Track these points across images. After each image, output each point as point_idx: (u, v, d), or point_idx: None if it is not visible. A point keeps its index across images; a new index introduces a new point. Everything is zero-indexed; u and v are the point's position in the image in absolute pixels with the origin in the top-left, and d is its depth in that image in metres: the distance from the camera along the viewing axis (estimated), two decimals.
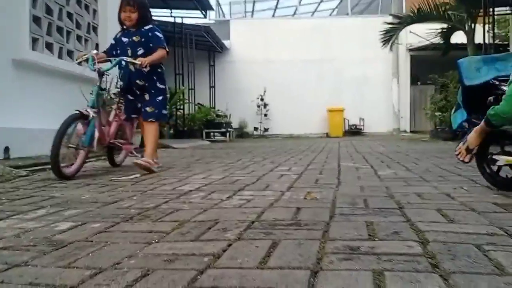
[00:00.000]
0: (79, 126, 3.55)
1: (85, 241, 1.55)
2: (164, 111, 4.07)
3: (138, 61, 3.63)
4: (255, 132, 15.84)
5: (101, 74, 3.76)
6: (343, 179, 3.17)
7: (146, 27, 3.88)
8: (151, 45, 3.84)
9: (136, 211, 2.08)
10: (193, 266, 1.23)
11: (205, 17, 12.85)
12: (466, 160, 2.59)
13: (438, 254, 1.29)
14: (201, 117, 12.75)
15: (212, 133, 13.68)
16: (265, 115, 15.57)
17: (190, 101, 13.13)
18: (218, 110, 14.73)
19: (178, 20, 11.92)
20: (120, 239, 1.56)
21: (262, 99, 15.48)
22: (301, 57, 15.27)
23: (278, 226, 1.70)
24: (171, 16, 12.09)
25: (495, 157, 2.46)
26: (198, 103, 13.72)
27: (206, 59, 15.54)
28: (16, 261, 1.33)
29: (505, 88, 6.11)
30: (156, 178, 3.40)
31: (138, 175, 3.55)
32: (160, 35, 3.91)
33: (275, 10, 18.74)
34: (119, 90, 4.12)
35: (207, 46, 14.96)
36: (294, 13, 18.73)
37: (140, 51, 3.83)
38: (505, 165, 2.42)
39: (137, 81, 3.89)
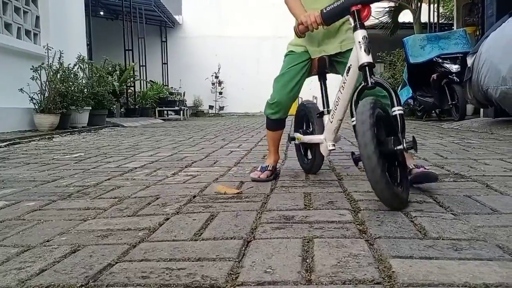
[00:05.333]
0: None
1: (17, 220, 1.49)
2: None
3: None
4: (210, 111, 15.70)
5: None
6: (290, 154, 3.22)
7: None
8: None
9: (75, 189, 2.02)
10: (126, 241, 1.22)
11: None
12: None
13: (367, 221, 1.35)
14: (153, 95, 12.41)
15: (165, 112, 13.42)
16: (220, 93, 15.43)
17: (142, 78, 12.76)
18: (172, 87, 14.42)
19: None
20: (54, 217, 1.51)
21: (216, 77, 15.30)
22: (256, 33, 15.18)
23: (219, 200, 1.71)
24: None
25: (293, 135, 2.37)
26: (150, 80, 13.35)
27: (157, 34, 15.11)
28: None
29: (447, 65, 6.43)
30: (101, 157, 3.31)
31: (82, 154, 3.44)
32: None
33: None
34: None
35: (158, 21, 14.51)
36: None
37: None
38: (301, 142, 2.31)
39: None
